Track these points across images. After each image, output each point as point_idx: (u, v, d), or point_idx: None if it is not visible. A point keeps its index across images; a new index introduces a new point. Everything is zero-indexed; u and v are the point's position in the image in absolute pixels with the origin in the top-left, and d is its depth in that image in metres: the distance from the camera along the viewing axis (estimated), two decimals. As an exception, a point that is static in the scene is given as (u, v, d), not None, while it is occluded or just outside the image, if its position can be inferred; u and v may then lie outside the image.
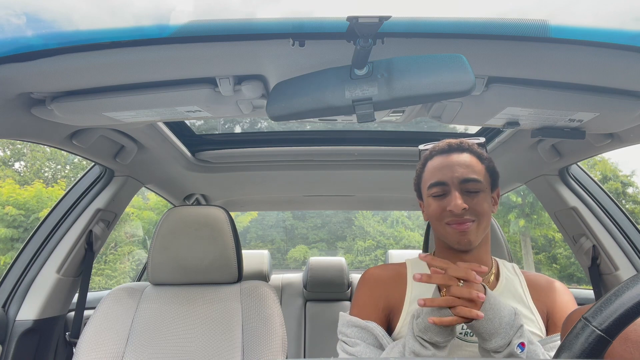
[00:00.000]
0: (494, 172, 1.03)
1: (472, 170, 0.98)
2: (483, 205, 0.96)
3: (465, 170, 0.97)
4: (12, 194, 9.39)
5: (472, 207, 0.95)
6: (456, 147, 1.02)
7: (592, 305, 0.52)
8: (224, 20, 0.75)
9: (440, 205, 0.98)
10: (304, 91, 0.80)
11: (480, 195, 0.97)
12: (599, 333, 0.49)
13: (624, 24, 0.73)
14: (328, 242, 21.67)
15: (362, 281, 1.08)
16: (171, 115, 1.11)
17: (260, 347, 1.23)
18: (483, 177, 0.99)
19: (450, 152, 1.02)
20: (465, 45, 0.79)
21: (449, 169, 0.98)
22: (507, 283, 1.01)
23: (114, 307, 1.32)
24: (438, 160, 1.02)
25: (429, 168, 1.03)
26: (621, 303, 0.49)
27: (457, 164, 0.98)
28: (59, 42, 0.78)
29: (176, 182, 2.03)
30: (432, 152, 1.05)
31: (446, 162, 1.00)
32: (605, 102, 0.97)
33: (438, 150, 1.04)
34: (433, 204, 1.00)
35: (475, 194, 0.96)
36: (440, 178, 0.99)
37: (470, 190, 0.96)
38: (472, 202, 0.95)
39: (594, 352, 0.49)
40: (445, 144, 1.04)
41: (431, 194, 1.00)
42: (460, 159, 0.99)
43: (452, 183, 0.97)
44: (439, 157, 1.02)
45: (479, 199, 0.96)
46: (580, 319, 0.52)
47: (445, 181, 0.98)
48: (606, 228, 1.59)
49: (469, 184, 0.96)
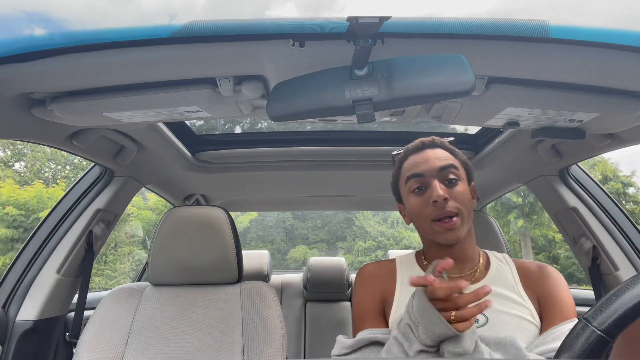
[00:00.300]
0: (468, 166, 1.04)
1: (448, 160, 0.99)
2: (464, 195, 0.97)
3: (440, 160, 0.99)
4: (13, 194, 9.40)
5: (453, 197, 0.95)
6: (429, 143, 1.04)
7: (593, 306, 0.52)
8: (224, 20, 0.75)
9: (421, 200, 0.98)
10: (304, 91, 0.80)
11: (459, 184, 0.98)
12: (599, 333, 0.49)
13: (624, 24, 0.74)
14: (328, 243, 21.68)
15: (359, 277, 1.10)
16: (171, 116, 1.11)
17: (260, 348, 1.23)
18: (459, 167, 1.00)
19: (423, 148, 1.03)
20: (465, 45, 0.80)
21: (424, 163, 1.00)
22: (497, 272, 1.02)
23: (114, 307, 1.32)
24: (413, 158, 1.03)
25: (405, 167, 1.04)
26: (621, 303, 0.49)
27: (433, 157, 1.00)
28: (59, 42, 0.78)
29: (176, 183, 2.03)
30: (405, 152, 1.07)
31: (421, 157, 1.01)
32: (606, 103, 0.97)
33: (411, 149, 1.06)
34: (413, 200, 1.00)
35: (454, 183, 0.97)
36: (417, 170, 1.00)
37: (449, 179, 0.97)
38: (453, 192, 0.96)
39: (594, 352, 0.49)
40: (418, 142, 1.06)
41: (410, 190, 1.01)
42: (435, 153, 1.01)
43: (430, 174, 0.98)
44: (413, 155, 1.04)
45: (458, 188, 0.97)
46: (580, 319, 0.52)
47: (423, 172, 0.99)
48: (606, 228, 1.59)
49: (446, 170, 0.97)
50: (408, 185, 1.02)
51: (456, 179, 0.98)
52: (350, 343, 0.95)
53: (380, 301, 1.04)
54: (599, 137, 1.27)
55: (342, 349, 0.95)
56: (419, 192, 1.00)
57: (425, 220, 0.98)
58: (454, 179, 0.98)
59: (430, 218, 0.97)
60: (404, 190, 1.05)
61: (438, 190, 0.94)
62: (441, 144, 1.04)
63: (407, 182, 1.02)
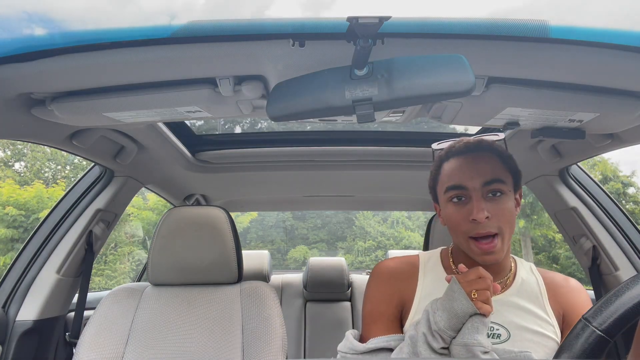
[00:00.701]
0: (517, 171, 0.96)
1: (494, 171, 0.91)
2: (506, 212, 0.89)
3: (486, 172, 0.90)
4: (13, 195, 9.40)
5: (495, 214, 0.88)
6: (474, 147, 0.95)
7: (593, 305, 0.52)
8: (224, 20, 0.75)
9: (460, 213, 0.91)
10: (304, 91, 0.80)
11: (504, 199, 0.90)
12: (599, 333, 0.49)
13: (624, 25, 0.73)
14: (328, 243, 21.66)
15: (377, 273, 1.03)
16: (171, 116, 1.11)
17: (260, 348, 1.23)
18: (506, 177, 0.92)
19: (468, 152, 0.95)
20: (465, 45, 0.79)
21: (468, 172, 0.91)
22: (523, 284, 0.97)
23: (114, 307, 1.32)
24: (455, 162, 0.95)
25: (446, 170, 0.96)
26: (621, 303, 0.49)
27: (477, 166, 0.91)
28: (59, 42, 0.78)
29: (176, 183, 2.03)
30: (447, 152, 0.99)
31: (465, 164, 0.93)
32: (606, 103, 0.97)
33: (455, 150, 0.97)
34: (452, 210, 0.93)
35: (498, 197, 0.90)
36: (458, 181, 0.92)
37: (493, 193, 0.90)
38: (496, 208, 0.89)
39: (594, 352, 0.49)
40: (462, 144, 0.97)
41: (449, 198, 0.93)
42: (480, 160, 0.92)
43: (473, 188, 0.90)
44: (456, 158, 0.95)
45: (502, 203, 0.90)
46: (580, 319, 0.52)
47: (465, 185, 0.91)
48: (606, 228, 1.59)
49: (491, 185, 0.89)
50: (447, 195, 0.94)
51: (501, 192, 0.90)
52: (361, 349, 0.91)
53: (397, 305, 0.98)
54: (599, 137, 1.27)
55: (351, 350, 0.92)
56: (458, 202, 0.92)
57: (463, 236, 0.91)
58: (499, 193, 0.90)
59: (467, 235, 0.90)
60: (441, 195, 0.97)
61: (480, 211, 0.87)
62: (489, 147, 0.95)
63: (446, 192, 0.94)
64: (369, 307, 1.00)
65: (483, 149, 0.96)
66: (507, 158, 0.96)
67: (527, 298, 0.95)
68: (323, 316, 2.52)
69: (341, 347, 0.95)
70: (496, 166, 0.93)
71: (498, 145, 0.98)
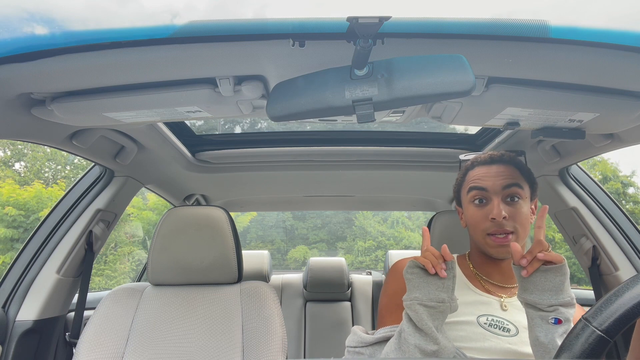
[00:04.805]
0: (534, 182, 1.07)
1: (513, 177, 1.02)
2: (523, 215, 0.99)
3: (506, 177, 1.01)
4: (12, 194, 9.39)
5: (512, 216, 0.98)
6: (498, 158, 1.06)
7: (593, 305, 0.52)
8: (224, 20, 0.75)
9: (481, 213, 1.01)
10: (304, 91, 0.80)
11: (520, 203, 1.00)
12: (599, 333, 0.49)
13: (624, 25, 0.73)
14: (328, 243, 21.64)
15: (396, 270, 1.12)
16: (171, 116, 1.11)
17: (260, 347, 1.23)
18: (523, 184, 1.03)
19: (492, 163, 1.06)
20: (465, 45, 0.79)
21: (490, 177, 1.02)
22: None
23: (114, 307, 1.32)
24: (479, 170, 1.06)
25: (470, 176, 1.07)
26: (621, 303, 0.49)
27: (498, 172, 1.03)
28: (59, 42, 0.78)
29: (176, 183, 2.03)
30: (473, 162, 1.10)
31: (487, 171, 1.04)
32: (605, 103, 0.97)
33: (480, 160, 1.08)
34: (473, 210, 1.04)
35: (515, 202, 1.00)
36: (480, 183, 1.03)
37: (512, 198, 1.00)
38: (513, 210, 0.99)
39: (594, 352, 0.49)
40: (487, 155, 1.08)
41: (471, 199, 1.04)
42: (502, 169, 1.03)
43: (494, 190, 1.01)
44: (481, 167, 1.06)
45: (519, 207, 1.00)
46: (580, 319, 0.52)
47: (486, 187, 1.02)
48: (606, 228, 1.59)
49: (510, 189, 1.00)
50: (470, 195, 1.05)
51: (519, 197, 1.01)
52: (369, 340, 0.97)
53: None
54: (599, 137, 1.27)
55: (360, 342, 0.98)
56: (479, 205, 1.03)
57: (481, 233, 1.02)
58: (517, 197, 1.01)
59: (486, 232, 1.01)
60: (465, 198, 1.08)
61: (499, 208, 0.97)
62: (511, 160, 1.06)
63: (469, 192, 1.05)
64: (385, 301, 1.07)
65: (505, 160, 1.06)
66: (525, 170, 1.06)
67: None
68: (323, 316, 2.52)
69: (349, 341, 1.00)
70: (515, 174, 1.03)
71: (519, 160, 1.08)
